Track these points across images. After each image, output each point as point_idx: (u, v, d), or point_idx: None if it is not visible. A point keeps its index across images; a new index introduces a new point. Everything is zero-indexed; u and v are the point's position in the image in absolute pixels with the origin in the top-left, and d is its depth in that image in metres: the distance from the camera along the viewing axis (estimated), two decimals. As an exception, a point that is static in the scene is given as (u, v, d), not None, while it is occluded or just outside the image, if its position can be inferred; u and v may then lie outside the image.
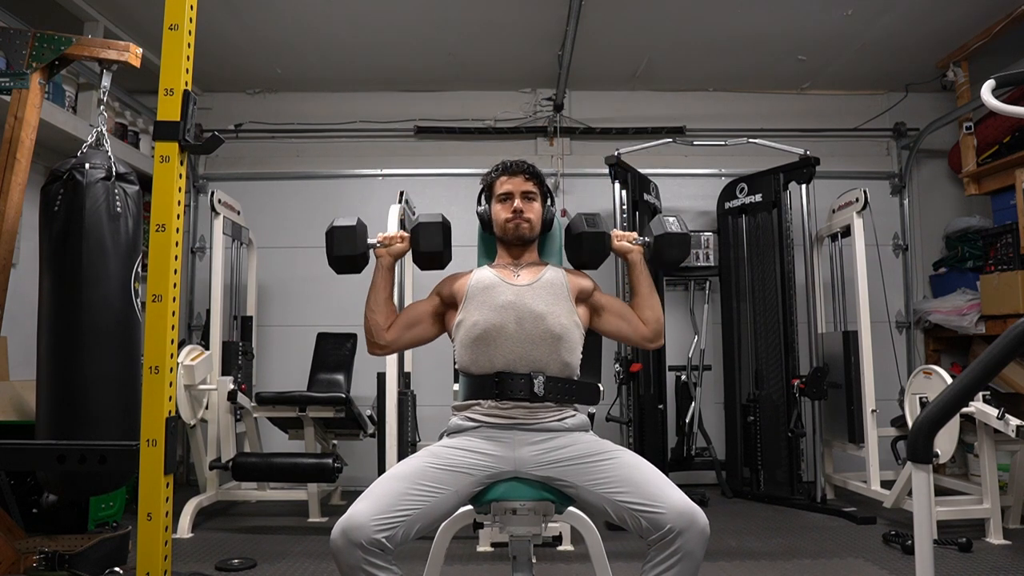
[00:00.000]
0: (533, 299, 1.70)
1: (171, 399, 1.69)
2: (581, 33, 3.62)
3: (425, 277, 2.09)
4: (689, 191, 4.52)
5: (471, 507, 1.62)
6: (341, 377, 3.85)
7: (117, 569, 2.26)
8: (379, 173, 4.59)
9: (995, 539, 2.92)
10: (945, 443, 2.94)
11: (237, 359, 3.70)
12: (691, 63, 4.27)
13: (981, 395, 2.89)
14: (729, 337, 4.12)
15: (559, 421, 1.64)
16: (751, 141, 4.03)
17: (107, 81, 2.18)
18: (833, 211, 3.86)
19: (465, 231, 2.29)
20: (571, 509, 1.65)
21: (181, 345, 3.41)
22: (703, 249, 4.28)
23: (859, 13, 3.64)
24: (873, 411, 3.45)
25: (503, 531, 1.60)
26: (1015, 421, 2.73)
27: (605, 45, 3.99)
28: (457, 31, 3.85)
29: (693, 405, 4.10)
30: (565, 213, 4.37)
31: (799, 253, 3.89)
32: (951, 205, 4.55)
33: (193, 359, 3.30)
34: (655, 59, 4.21)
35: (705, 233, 4.30)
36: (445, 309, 1.81)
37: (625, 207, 3.81)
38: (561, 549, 2.87)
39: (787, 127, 4.51)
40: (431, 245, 1.81)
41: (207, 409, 3.47)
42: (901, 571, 2.58)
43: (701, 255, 4.28)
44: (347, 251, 1.77)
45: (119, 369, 2.01)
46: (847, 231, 3.71)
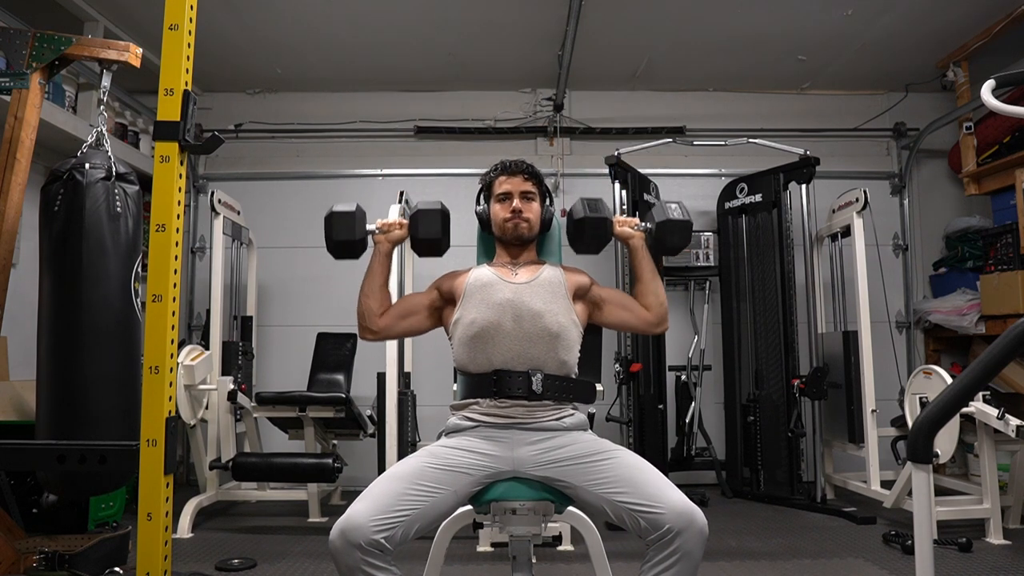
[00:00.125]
0: (531, 297, 1.70)
1: (171, 399, 1.69)
2: (581, 33, 3.62)
3: (425, 271, 2.10)
4: (689, 191, 4.52)
5: (471, 507, 1.62)
6: (341, 377, 3.85)
7: (117, 569, 2.26)
8: (379, 173, 4.59)
9: (995, 539, 2.92)
10: (945, 443, 2.94)
11: (237, 359, 3.70)
12: (691, 63, 4.27)
13: (981, 395, 2.88)
14: (729, 337, 4.12)
15: (557, 420, 1.64)
16: (751, 141, 4.02)
17: (107, 81, 2.18)
18: (833, 211, 3.86)
19: (465, 231, 2.29)
20: (571, 509, 1.65)
21: (181, 345, 3.41)
22: (703, 249, 4.27)
23: (859, 13, 3.64)
24: (873, 411, 3.45)
25: (503, 531, 1.59)
26: (1015, 421, 2.73)
27: (605, 45, 3.99)
28: (457, 31, 3.85)
29: (693, 405, 4.09)
30: (565, 213, 4.36)
31: (799, 253, 3.89)
32: (951, 205, 4.55)
33: (193, 359, 3.30)
34: (655, 59, 4.21)
35: (705, 233, 4.30)
36: (443, 304, 1.81)
37: (625, 207, 3.81)
38: (561, 549, 2.87)
39: (787, 127, 4.51)
40: (429, 232, 1.81)
41: (207, 409, 3.47)
42: (901, 571, 2.58)
43: (701, 255, 4.27)
44: (346, 236, 1.77)
45: (119, 369, 2.01)
46: (847, 231, 3.71)
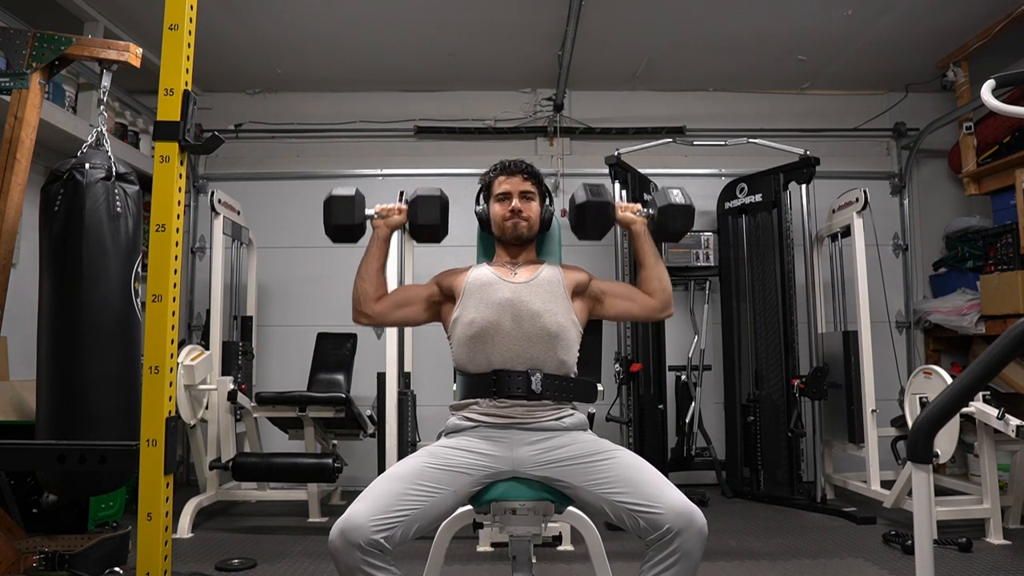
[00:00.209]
0: (530, 297, 1.70)
1: (171, 399, 1.69)
2: (581, 33, 3.62)
3: (425, 269, 2.09)
4: (689, 191, 4.41)
5: (471, 507, 1.62)
6: (341, 377, 3.85)
7: (117, 569, 2.26)
8: (379, 173, 4.59)
9: (995, 539, 2.92)
10: (945, 443, 2.94)
11: (237, 359, 3.70)
12: (691, 63, 4.27)
13: (981, 395, 2.88)
14: (729, 337, 4.12)
15: (557, 420, 1.64)
16: (751, 141, 4.02)
17: (107, 81, 2.18)
18: (833, 211, 3.86)
19: (464, 231, 2.29)
20: (571, 509, 1.65)
21: (181, 345, 3.41)
22: (703, 249, 4.27)
23: (859, 13, 3.64)
24: (873, 411, 3.45)
25: (503, 531, 1.59)
26: (1015, 421, 2.73)
27: (605, 45, 3.99)
28: (457, 31, 3.85)
29: (693, 405, 4.09)
30: (565, 213, 4.36)
31: (799, 253, 3.89)
32: (951, 205, 4.55)
33: (193, 359, 3.30)
34: (655, 59, 4.20)
35: (705, 233, 4.29)
36: (443, 299, 1.81)
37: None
38: (561, 549, 2.86)
39: (787, 127, 4.51)
40: (428, 218, 1.81)
41: (207, 409, 3.47)
42: (901, 571, 2.58)
43: (701, 255, 4.27)
44: (344, 220, 1.78)
45: (119, 369, 2.01)
46: (847, 231, 3.71)
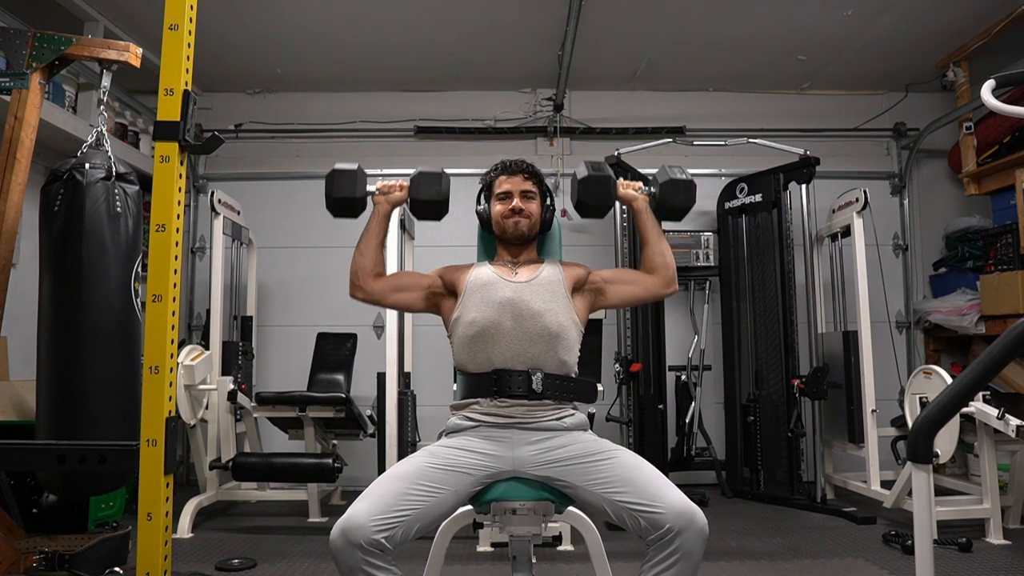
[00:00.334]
0: (531, 296, 1.70)
1: (171, 399, 1.69)
2: (581, 33, 3.62)
3: (425, 267, 2.08)
4: (689, 191, 4.51)
5: (471, 507, 1.62)
6: (341, 377, 3.85)
7: (117, 569, 2.26)
8: (379, 173, 4.58)
9: (995, 539, 2.92)
10: (945, 443, 2.94)
11: (237, 359, 3.70)
12: (691, 63, 4.27)
13: (981, 395, 2.88)
14: (729, 337, 4.12)
15: (558, 420, 1.64)
16: (751, 141, 4.03)
17: (107, 81, 2.18)
18: (833, 211, 3.86)
19: (464, 231, 2.29)
20: (571, 509, 1.65)
21: (181, 345, 3.41)
22: (703, 249, 4.27)
23: (859, 13, 3.64)
24: (873, 411, 3.45)
25: (503, 531, 1.59)
26: (1015, 421, 2.73)
27: (605, 45, 3.99)
28: (457, 31, 3.85)
29: (693, 405, 4.09)
30: (565, 213, 4.37)
31: (799, 253, 3.89)
32: (951, 205, 4.56)
33: (193, 359, 3.30)
34: (655, 59, 4.20)
35: (705, 233, 4.29)
36: (444, 293, 1.81)
37: (625, 207, 3.81)
38: (561, 549, 2.86)
39: (787, 127, 4.51)
40: (430, 194, 1.82)
41: (207, 409, 3.47)
42: (901, 571, 2.58)
43: (701, 255, 4.27)
44: (346, 193, 1.79)
45: (119, 369, 2.01)
46: (847, 231, 3.71)
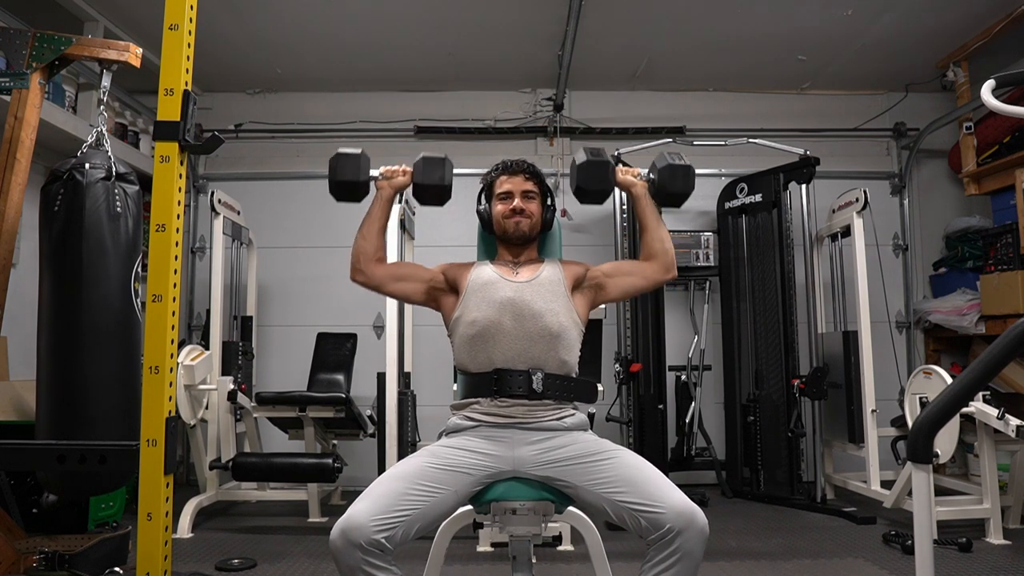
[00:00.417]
0: (532, 296, 1.70)
1: (171, 399, 1.69)
2: (581, 33, 3.62)
3: (425, 264, 2.07)
4: (689, 191, 4.51)
5: (471, 507, 1.62)
6: (341, 377, 3.85)
7: (117, 569, 2.26)
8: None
9: (995, 539, 2.92)
10: (945, 443, 2.94)
11: (237, 359, 3.70)
12: (691, 63, 4.27)
13: (981, 395, 2.88)
14: (729, 337, 4.12)
15: (558, 420, 1.64)
16: (751, 141, 4.03)
17: (107, 81, 2.18)
18: (833, 211, 3.86)
19: (465, 231, 2.29)
20: (571, 509, 1.65)
21: (181, 345, 3.41)
22: (703, 249, 4.27)
23: (859, 13, 3.64)
24: (873, 411, 3.45)
25: (503, 531, 1.59)
26: (1015, 421, 2.73)
27: (605, 45, 3.99)
28: (457, 31, 3.85)
29: (693, 405, 4.09)
30: (565, 213, 4.37)
31: (799, 253, 3.89)
32: (951, 205, 4.56)
33: (193, 359, 3.30)
34: (655, 59, 4.20)
35: (705, 233, 4.30)
36: (446, 289, 1.81)
37: (625, 207, 3.82)
38: (561, 549, 2.86)
39: (787, 127, 4.51)
40: (433, 179, 1.84)
41: (207, 409, 3.47)
42: (901, 571, 2.58)
43: (701, 255, 4.27)
44: (350, 177, 1.81)
45: (119, 369, 2.01)
46: (847, 231, 3.71)
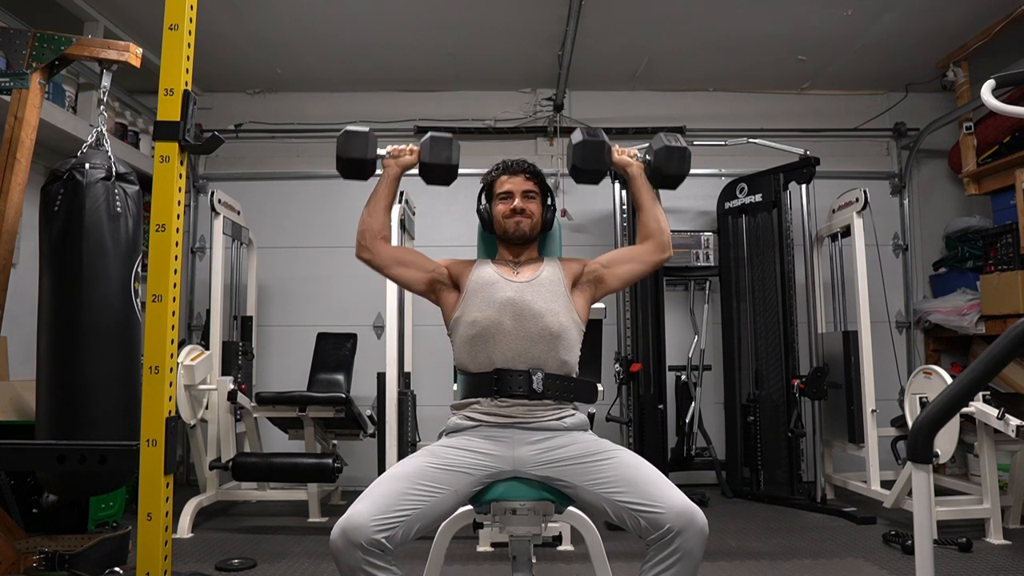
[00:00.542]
0: (533, 296, 1.70)
1: (171, 399, 1.69)
2: (581, 33, 3.62)
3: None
4: (689, 191, 4.48)
5: (471, 507, 1.62)
6: (341, 377, 3.85)
7: (117, 569, 2.26)
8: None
9: (995, 539, 2.92)
10: (945, 443, 2.94)
11: (237, 359, 3.70)
12: (691, 63, 4.27)
13: (981, 395, 2.88)
14: (729, 337, 4.12)
15: (558, 420, 1.64)
16: (751, 141, 4.03)
17: (107, 81, 2.18)
18: (833, 211, 3.86)
19: (464, 231, 2.29)
20: (571, 509, 1.65)
21: (181, 345, 3.41)
22: (703, 249, 4.27)
23: (859, 13, 3.64)
24: (873, 411, 3.45)
25: (503, 531, 1.59)
26: (1015, 421, 2.73)
27: (605, 45, 3.99)
28: (457, 31, 3.85)
29: (693, 405, 4.09)
30: (565, 213, 4.37)
31: (799, 253, 3.89)
32: (951, 205, 4.56)
33: (193, 359, 3.30)
34: (655, 59, 4.20)
35: (705, 233, 4.30)
36: (448, 284, 1.81)
37: (625, 207, 3.82)
38: (561, 549, 2.87)
39: (787, 127, 4.51)
40: (440, 158, 1.85)
41: (207, 409, 3.47)
42: (901, 571, 2.58)
43: (701, 255, 4.27)
44: (357, 154, 1.82)
45: (119, 369, 2.01)
46: (847, 231, 3.71)
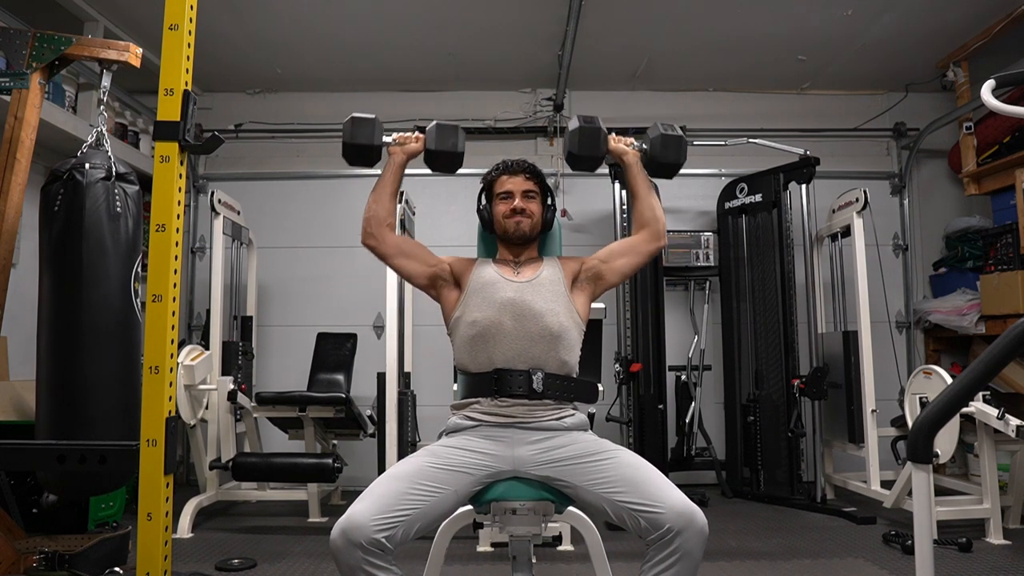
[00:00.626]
0: (533, 297, 1.71)
1: (171, 399, 1.69)
2: (581, 33, 3.62)
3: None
4: (689, 191, 4.52)
5: (471, 507, 1.62)
6: (341, 377, 3.85)
7: (117, 569, 2.26)
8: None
9: (995, 539, 2.92)
10: (945, 443, 2.94)
11: (237, 359, 3.70)
12: (691, 63, 4.27)
13: (981, 395, 2.88)
14: (729, 337, 4.12)
15: (558, 420, 1.64)
16: (751, 141, 4.03)
17: (107, 81, 2.18)
18: (833, 211, 3.86)
19: (465, 231, 2.29)
20: (571, 509, 1.65)
21: (181, 345, 3.41)
22: (703, 249, 4.27)
23: (859, 13, 3.64)
24: (873, 411, 3.45)
25: (503, 531, 1.59)
26: (1015, 421, 2.73)
27: (605, 45, 3.99)
28: (457, 31, 3.85)
29: (693, 405, 4.09)
30: (565, 213, 4.37)
31: (799, 253, 3.89)
32: (951, 205, 4.55)
33: (193, 359, 3.30)
34: (655, 59, 4.20)
35: (705, 233, 4.29)
36: (450, 281, 1.81)
37: (625, 207, 3.82)
38: (561, 549, 2.87)
39: (787, 127, 4.51)
40: (446, 145, 1.85)
41: (207, 409, 3.47)
42: (901, 571, 2.58)
43: (701, 255, 4.27)
44: (363, 140, 1.83)
45: (119, 369, 2.01)
46: (847, 231, 3.71)
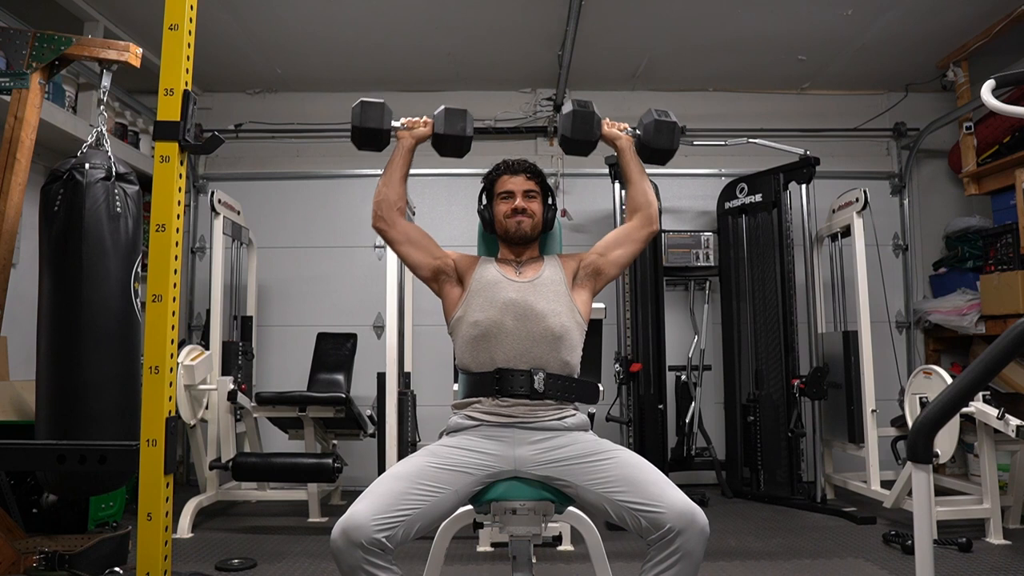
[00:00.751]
0: (535, 297, 1.71)
1: (171, 399, 1.69)
2: (581, 33, 3.62)
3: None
4: (689, 191, 4.52)
5: (471, 507, 1.62)
6: (341, 377, 3.85)
7: (117, 569, 2.26)
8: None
9: (995, 539, 2.92)
10: (945, 443, 2.94)
11: (237, 359, 3.70)
12: (691, 63, 4.27)
13: (981, 395, 2.88)
14: (729, 337, 4.12)
15: (559, 420, 1.64)
16: (751, 141, 4.03)
17: (107, 81, 2.18)
18: (833, 211, 3.86)
19: (465, 231, 2.29)
20: (571, 509, 1.65)
21: (181, 345, 3.41)
22: (703, 249, 4.27)
23: (859, 13, 3.64)
24: (873, 411, 3.45)
25: (503, 531, 1.59)
26: (1015, 421, 2.73)
27: (605, 45, 3.99)
28: (457, 32, 3.85)
29: (693, 405, 4.10)
30: (565, 213, 4.37)
31: (799, 253, 3.89)
32: (951, 205, 4.55)
33: (193, 359, 3.30)
34: (655, 59, 4.20)
35: (705, 233, 4.29)
36: (453, 277, 1.81)
37: (625, 207, 3.81)
38: (561, 549, 2.87)
39: (787, 127, 4.51)
40: (454, 130, 1.85)
41: (207, 409, 3.47)
42: (901, 571, 2.58)
43: (701, 255, 4.27)
44: (372, 124, 1.85)
45: (119, 369, 2.01)
46: (847, 231, 3.71)
